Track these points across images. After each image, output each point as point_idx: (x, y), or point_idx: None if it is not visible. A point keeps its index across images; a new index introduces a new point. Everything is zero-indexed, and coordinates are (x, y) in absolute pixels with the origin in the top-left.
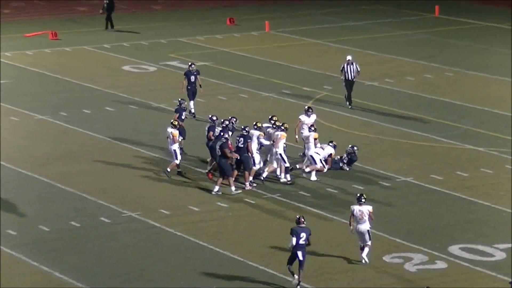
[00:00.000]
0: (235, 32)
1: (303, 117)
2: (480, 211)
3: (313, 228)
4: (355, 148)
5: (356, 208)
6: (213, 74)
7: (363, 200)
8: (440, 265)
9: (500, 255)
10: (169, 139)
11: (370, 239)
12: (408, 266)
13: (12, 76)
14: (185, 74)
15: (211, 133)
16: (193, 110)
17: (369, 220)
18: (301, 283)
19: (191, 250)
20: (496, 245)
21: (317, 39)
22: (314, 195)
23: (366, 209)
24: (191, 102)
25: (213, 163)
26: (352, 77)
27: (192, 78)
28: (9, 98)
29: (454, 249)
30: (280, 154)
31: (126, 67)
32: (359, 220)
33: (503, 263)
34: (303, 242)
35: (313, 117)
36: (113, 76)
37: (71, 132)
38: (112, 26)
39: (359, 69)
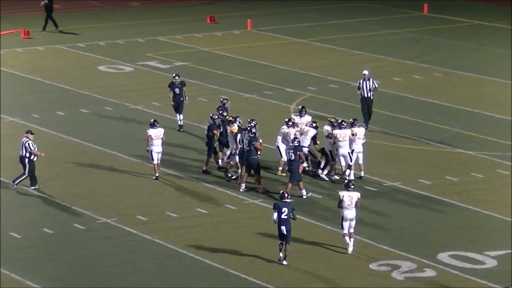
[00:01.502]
0: (215, 30)
1: (294, 117)
2: (470, 217)
3: (297, 234)
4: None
5: (346, 194)
6: (192, 75)
7: (352, 187)
8: (429, 273)
9: (491, 263)
10: (152, 140)
11: (354, 226)
12: (395, 274)
13: None
14: (169, 86)
15: (216, 131)
16: (180, 123)
17: (355, 207)
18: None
19: (170, 258)
20: (487, 252)
21: (301, 38)
22: (297, 201)
23: (356, 195)
24: (178, 115)
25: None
26: (369, 95)
27: (177, 90)
28: None
29: (444, 256)
30: (349, 153)
31: (101, 67)
32: (347, 206)
33: (494, 270)
34: (286, 217)
35: (305, 119)
36: (88, 76)
37: (44, 135)
38: (44, 28)
39: (376, 86)
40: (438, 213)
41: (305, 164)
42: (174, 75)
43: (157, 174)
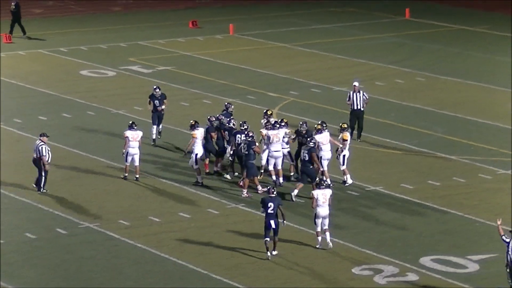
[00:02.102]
0: (198, 35)
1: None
2: (452, 221)
3: (280, 238)
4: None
5: (319, 192)
6: (175, 79)
7: (325, 184)
8: (411, 277)
9: (473, 267)
10: (129, 142)
11: (329, 224)
12: (378, 279)
13: None
14: (149, 97)
15: (214, 133)
16: (154, 137)
17: (329, 205)
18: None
19: (152, 263)
20: (469, 257)
21: (283, 42)
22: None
23: (328, 193)
24: (154, 127)
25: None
26: (359, 107)
27: (157, 102)
28: None
29: (426, 260)
30: (344, 156)
31: (84, 72)
32: (322, 204)
33: (477, 275)
34: (272, 211)
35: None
36: (70, 81)
37: (25, 140)
38: (24, 32)
39: (367, 97)
40: (421, 217)
41: (321, 168)
42: (155, 87)
43: (137, 176)
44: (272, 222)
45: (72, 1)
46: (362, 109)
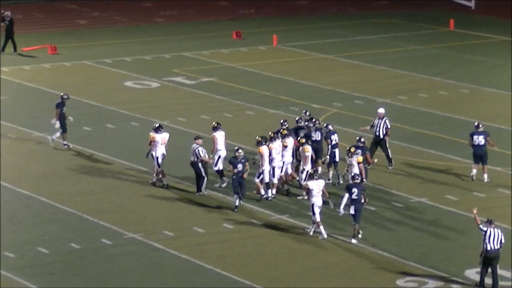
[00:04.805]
0: (241, 46)
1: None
2: None
3: (324, 251)
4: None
5: (314, 183)
6: (218, 90)
7: (317, 176)
8: None
9: None
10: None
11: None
12: None
13: (8, 92)
14: (230, 162)
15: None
16: (237, 203)
17: (322, 195)
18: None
19: (195, 274)
20: None
21: (326, 53)
22: (324, 216)
23: (322, 183)
24: (236, 198)
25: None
26: (378, 134)
27: (240, 166)
28: (6, 115)
29: (471, 273)
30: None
31: (128, 83)
32: (316, 194)
33: None
34: (356, 197)
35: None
36: (114, 92)
37: (70, 150)
38: (3, 50)
39: (389, 126)
40: (465, 229)
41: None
42: (236, 148)
43: (154, 180)
44: (352, 208)
45: (116, 12)
46: (381, 136)
